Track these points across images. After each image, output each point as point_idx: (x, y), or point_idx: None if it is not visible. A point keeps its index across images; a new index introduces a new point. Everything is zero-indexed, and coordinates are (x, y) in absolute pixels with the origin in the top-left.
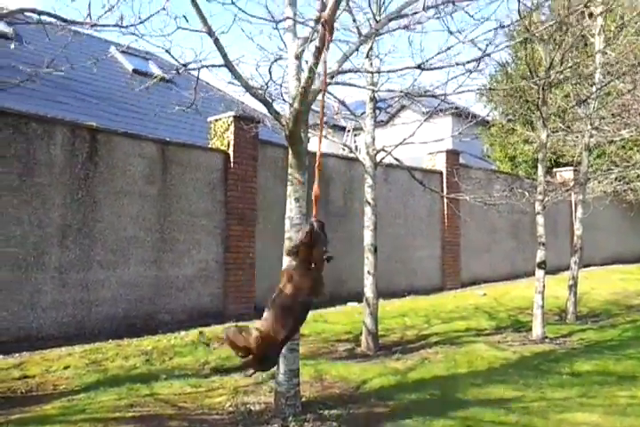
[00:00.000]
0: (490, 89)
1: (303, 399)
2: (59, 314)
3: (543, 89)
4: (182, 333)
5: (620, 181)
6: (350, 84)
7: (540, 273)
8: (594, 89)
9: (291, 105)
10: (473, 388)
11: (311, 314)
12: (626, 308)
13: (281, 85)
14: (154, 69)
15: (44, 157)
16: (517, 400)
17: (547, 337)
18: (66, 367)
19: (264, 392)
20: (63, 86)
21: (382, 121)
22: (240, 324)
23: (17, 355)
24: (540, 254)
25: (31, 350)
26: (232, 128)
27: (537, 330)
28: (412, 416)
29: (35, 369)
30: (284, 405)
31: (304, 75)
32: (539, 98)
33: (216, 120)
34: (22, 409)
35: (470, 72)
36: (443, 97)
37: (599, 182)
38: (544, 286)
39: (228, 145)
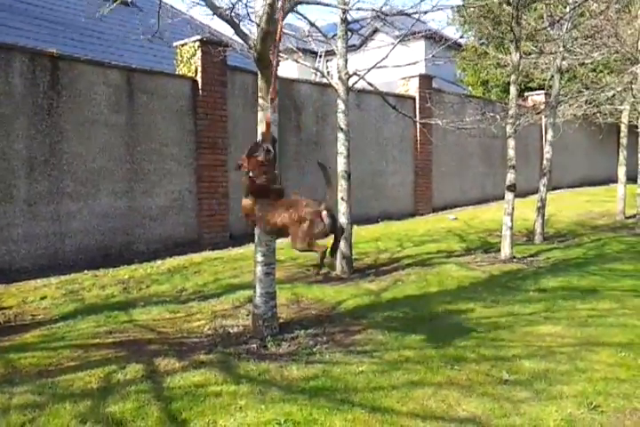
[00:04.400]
0: (463, 6)
1: (280, 321)
2: (31, 246)
3: (517, 9)
4: (158, 262)
5: (590, 104)
6: (320, 3)
7: (509, 195)
8: (567, 9)
9: (258, 25)
10: (444, 305)
11: (287, 241)
12: (591, 228)
13: (246, 5)
14: None
15: (3, 87)
16: (486, 316)
17: (515, 257)
18: (43, 298)
19: (242, 316)
20: (19, 11)
21: (355, 45)
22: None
23: None
24: (510, 177)
25: (6, 282)
26: (199, 53)
27: (505, 250)
28: (385, 332)
29: (11, 301)
30: (261, 326)
31: None
32: (512, 18)
33: (182, 45)
34: (1, 339)
35: None
36: (417, 15)
37: (570, 106)
38: (513, 209)
39: (196, 71)
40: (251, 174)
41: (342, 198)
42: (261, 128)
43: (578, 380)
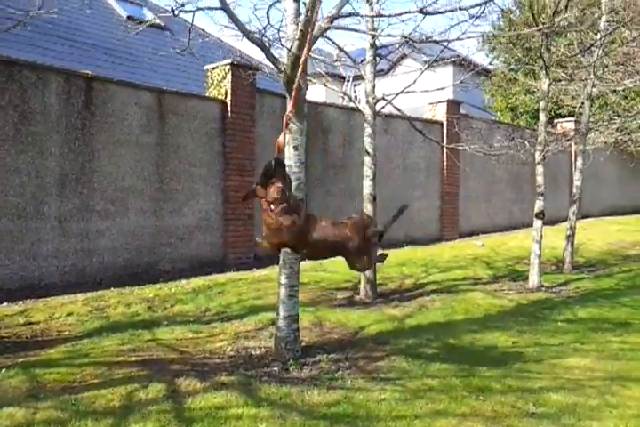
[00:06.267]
0: (493, 35)
1: (302, 344)
2: (60, 263)
3: (547, 36)
4: (183, 281)
5: (621, 131)
6: (350, 29)
7: (537, 223)
8: (598, 37)
9: (289, 50)
10: (469, 334)
11: (310, 263)
12: (622, 258)
13: (279, 30)
14: (149, 16)
15: (39, 106)
16: (512, 346)
17: (543, 286)
18: (69, 314)
19: (264, 338)
20: (55, 33)
21: (383, 70)
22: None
23: (21, 302)
24: (539, 204)
25: (34, 297)
26: (229, 76)
27: (533, 279)
28: (408, 359)
29: (39, 316)
30: (283, 349)
31: (302, 18)
32: (542, 45)
33: (213, 68)
34: (28, 353)
35: (474, 18)
36: (445, 43)
37: (600, 133)
38: (541, 236)
39: (226, 94)
40: (272, 207)
41: None
42: (289, 150)
43: (608, 416)
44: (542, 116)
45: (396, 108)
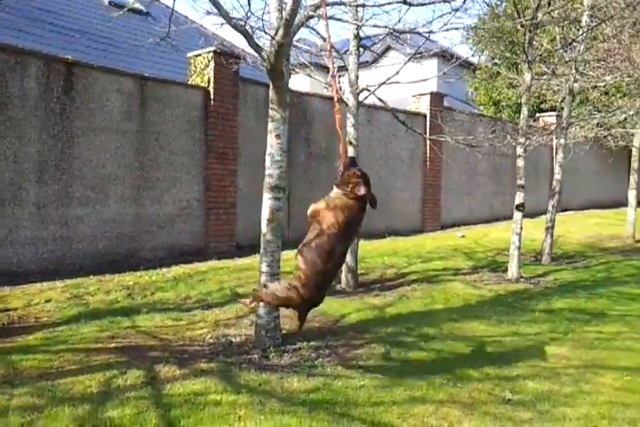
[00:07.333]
0: (476, 27)
1: (283, 332)
2: (38, 250)
3: (530, 30)
4: (164, 269)
5: (601, 126)
6: (334, 18)
7: (517, 215)
8: (580, 32)
9: (272, 38)
10: (448, 323)
11: (292, 253)
12: (599, 250)
13: (262, 18)
14: (130, 2)
15: (18, 91)
16: (491, 335)
17: (522, 277)
18: (47, 301)
19: (245, 326)
20: (36, 17)
21: (367, 62)
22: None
23: None
24: (519, 197)
25: (11, 284)
26: (212, 64)
27: (513, 270)
28: (387, 347)
29: (16, 302)
30: (264, 337)
31: (287, 5)
32: (525, 39)
33: (196, 56)
34: (4, 340)
35: (456, 11)
36: (428, 34)
37: (581, 128)
38: (521, 228)
39: (209, 82)
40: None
41: None
42: (271, 139)
43: (582, 402)
44: (524, 110)
45: (380, 100)
